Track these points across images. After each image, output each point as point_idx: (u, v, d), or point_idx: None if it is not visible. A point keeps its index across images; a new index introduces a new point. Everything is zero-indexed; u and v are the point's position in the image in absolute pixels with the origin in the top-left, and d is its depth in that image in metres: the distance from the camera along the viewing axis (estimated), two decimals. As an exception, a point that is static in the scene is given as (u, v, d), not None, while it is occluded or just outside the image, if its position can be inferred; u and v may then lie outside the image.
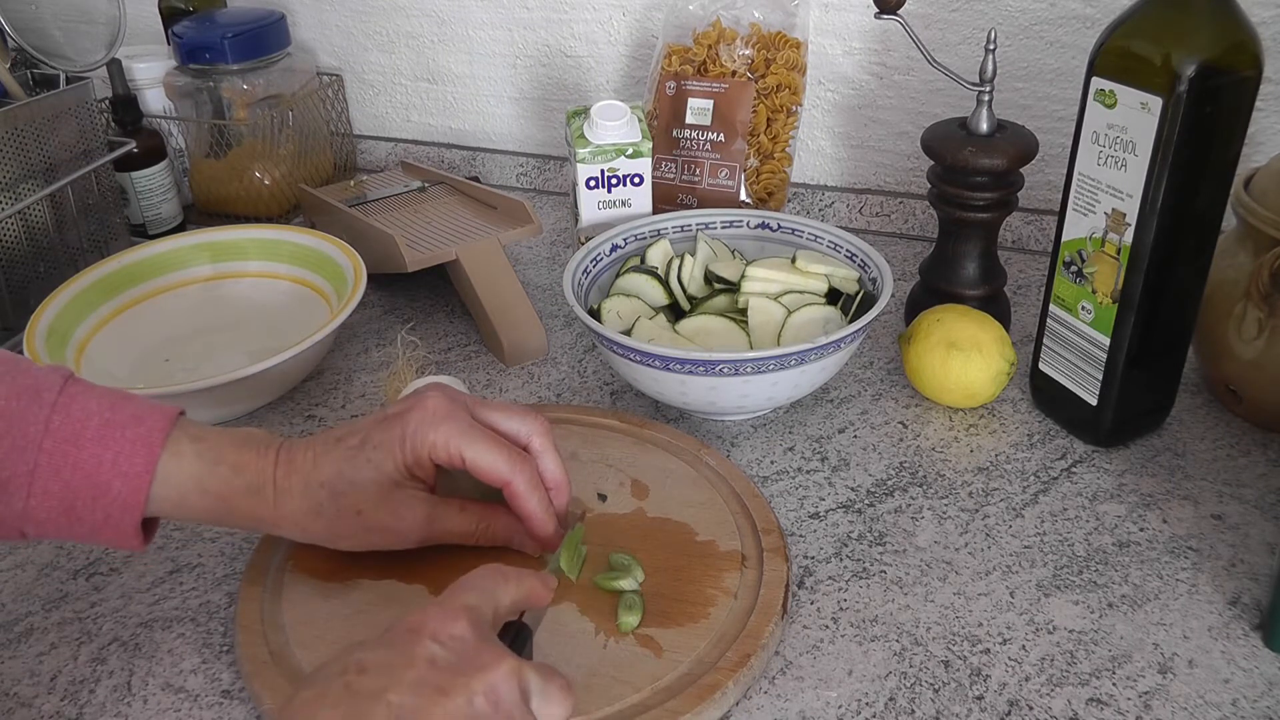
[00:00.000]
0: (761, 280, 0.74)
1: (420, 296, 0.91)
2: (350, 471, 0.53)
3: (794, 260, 0.76)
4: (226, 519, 0.53)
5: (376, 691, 0.37)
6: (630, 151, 0.84)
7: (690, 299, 0.76)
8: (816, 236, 0.79)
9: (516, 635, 0.45)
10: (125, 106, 0.98)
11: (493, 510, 0.57)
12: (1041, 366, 0.71)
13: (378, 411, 0.55)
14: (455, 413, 0.54)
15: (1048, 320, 0.69)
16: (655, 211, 0.86)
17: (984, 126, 0.75)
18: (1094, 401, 0.67)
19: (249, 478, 0.52)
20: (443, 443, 0.53)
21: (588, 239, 0.84)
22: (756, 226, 0.82)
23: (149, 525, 0.53)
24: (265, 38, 1.04)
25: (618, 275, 0.78)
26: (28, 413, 0.49)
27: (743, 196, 0.94)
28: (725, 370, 0.64)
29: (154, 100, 1.07)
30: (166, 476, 0.51)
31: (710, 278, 0.77)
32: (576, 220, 0.87)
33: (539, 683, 0.41)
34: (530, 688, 0.41)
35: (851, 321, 0.68)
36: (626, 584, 0.56)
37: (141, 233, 1.01)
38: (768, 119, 0.93)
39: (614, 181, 0.85)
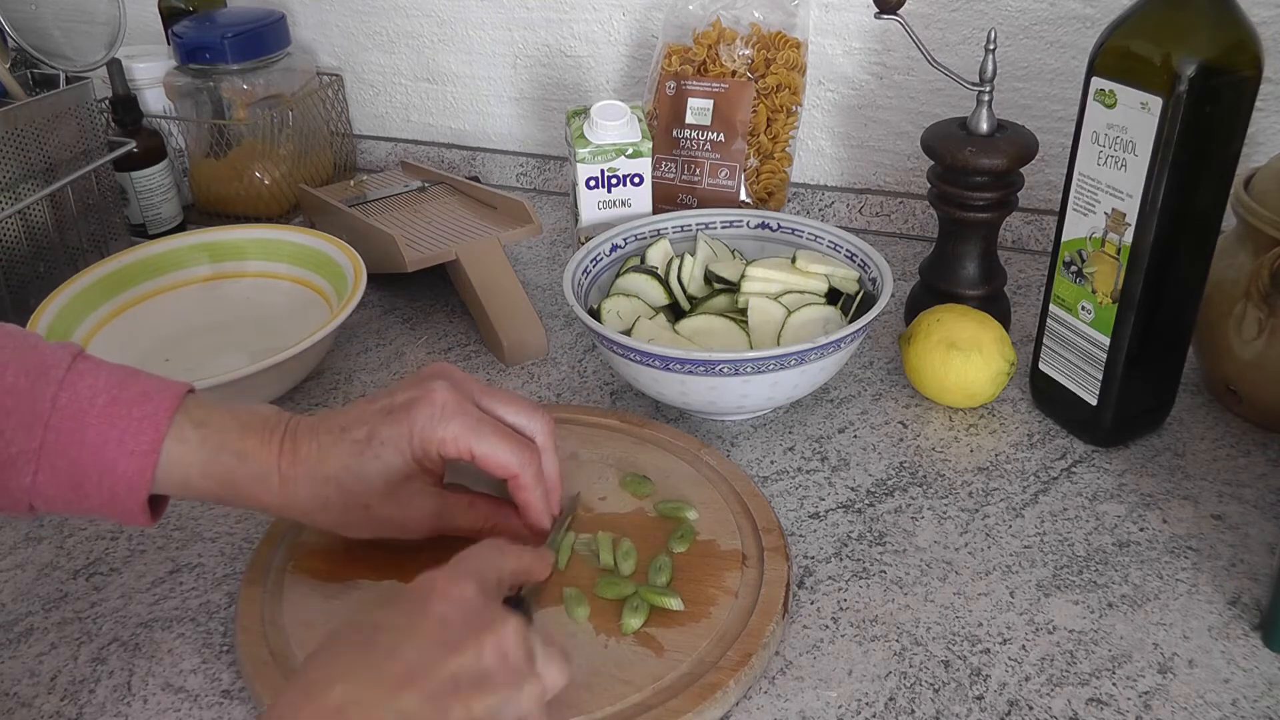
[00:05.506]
0: (761, 280, 0.74)
1: (420, 296, 0.91)
2: (357, 467, 0.52)
3: (794, 260, 0.76)
4: (233, 501, 0.53)
5: (390, 647, 0.40)
6: (630, 151, 0.84)
7: (690, 299, 0.76)
8: (816, 236, 0.79)
9: (516, 608, 0.45)
10: (125, 106, 0.98)
11: (501, 508, 0.57)
12: (1041, 366, 0.71)
13: (382, 397, 0.54)
14: (463, 407, 0.53)
15: (1048, 320, 0.69)
16: (655, 211, 0.86)
17: (984, 126, 0.75)
18: (1094, 401, 0.67)
19: (253, 466, 0.52)
20: (452, 438, 0.53)
21: (588, 239, 0.84)
22: (756, 226, 0.82)
23: (158, 502, 0.53)
24: (265, 38, 1.04)
25: (618, 275, 0.78)
26: (36, 390, 0.49)
27: (743, 196, 0.94)
28: (725, 370, 0.64)
29: (154, 100, 1.07)
30: (170, 460, 0.51)
31: (710, 278, 0.77)
32: (576, 220, 0.87)
33: (542, 645, 0.44)
34: (535, 648, 0.43)
35: (851, 321, 0.68)
36: (691, 514, 0.61)
37: (141, 233, 1.01)
38: (768, 119, 0.93)
39: (614, 181, 0.85)
